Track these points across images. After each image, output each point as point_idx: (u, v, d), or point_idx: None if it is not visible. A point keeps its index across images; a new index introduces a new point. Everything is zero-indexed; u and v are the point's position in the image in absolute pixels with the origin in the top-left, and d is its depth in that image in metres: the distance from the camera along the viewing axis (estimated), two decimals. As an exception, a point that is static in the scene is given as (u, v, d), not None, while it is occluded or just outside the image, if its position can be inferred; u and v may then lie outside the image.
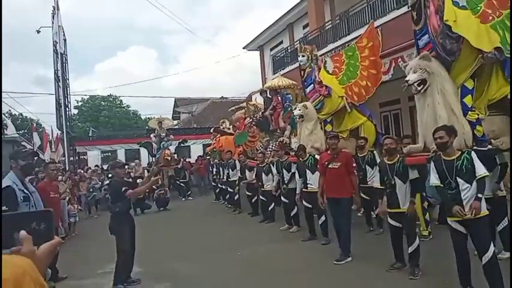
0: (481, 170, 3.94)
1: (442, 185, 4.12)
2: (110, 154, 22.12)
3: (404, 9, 7.38)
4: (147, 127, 24.88)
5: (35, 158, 4.54)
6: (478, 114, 4.72)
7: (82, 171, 15.57)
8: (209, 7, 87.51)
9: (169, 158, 16.30)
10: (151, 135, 17.37)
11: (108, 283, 5.45)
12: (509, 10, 4.68)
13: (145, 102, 71.18)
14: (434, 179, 4.18)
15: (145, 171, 16.81)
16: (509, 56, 4.72)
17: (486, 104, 4.87)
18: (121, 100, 38.25)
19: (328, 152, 6.17)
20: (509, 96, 4.77)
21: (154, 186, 14.28)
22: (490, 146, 4.78)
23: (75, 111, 34.62)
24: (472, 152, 4.09)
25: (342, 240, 5.80)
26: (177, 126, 26.19)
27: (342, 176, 5.88)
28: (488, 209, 4.11)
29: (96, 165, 16.77)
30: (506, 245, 5.08)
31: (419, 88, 4.63)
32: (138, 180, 13.50)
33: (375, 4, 10.16)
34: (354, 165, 6.27)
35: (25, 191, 4.01)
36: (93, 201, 13.49)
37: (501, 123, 4.93)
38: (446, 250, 4.49)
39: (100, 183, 13.89)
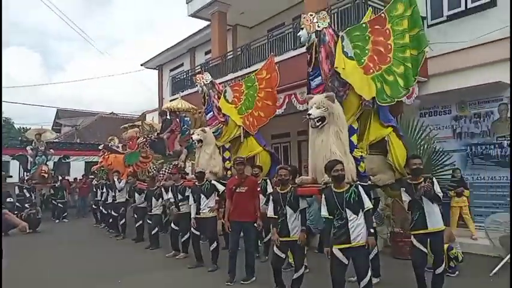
0: (367, 203, 4.43)
1: (331, 217, 4.47)
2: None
3: (301, 50, 7.96)
4: (20, 138, 22.26)
5: None
6: (361, 152, 5.27)
7: None
8: (108, 18, 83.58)
9: (45, 175, 14.77)
10: (28, 148, 15.60)
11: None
12: (387, 65, 5.42)
13: (21, 109, 63.84)
14: (324, 211, 4.52)
15: (16, 187, 14.92)
16: (384, 104, 5.43)
17: (368, 144, 5.49)
18: (-10, 105, 33.86)
19: (236, 177, 6.33)
20: (386, 138, 5.47)
21: (26, 205, 12.75)
22: (369, 182, 5.35)
23: None
24: (359, 186, 4.53)
25: (247, 261, 6.06)
26: (57, 140, 23.95)
27: (247, 200, 6.12)
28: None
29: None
30: (375, 271, 5.64)
31: (317, 124, 4.97)
32: None
33: (274, 42, 10.80)
34: (259, 189, 6.53)
35: None
36: None
37: (379, 162, 5.59)
38: (325, 279, 4.80)
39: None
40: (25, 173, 15.71)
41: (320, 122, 4.95)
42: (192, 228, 7.11)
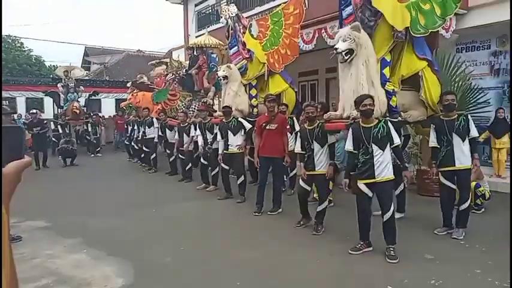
0: (396, 139, 4.42)
1: (355, 151, 4.51)
2: (7, 102, 19.89)
3: (332, -19, 7.55)
4: (51, 76, 22.71)
5: None
6: (394, 86, 5.13)
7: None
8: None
9: (77, 111, 15.18)
10: (59, 85, 15.95)
11: None
12: None
13: (50, 47, 64.30)
14: (349, 145, 4.56)
15: (51, 123, 15.54)
16: (418, 35, 5.16)
17: (399, 79, 5.31)
18: (22, 42, 34.20)
19: (266, 114, 6.38)
20: (420, 73, 5.27)
21: (61, 140, 13.26)
22: (400, 118, 5.27)
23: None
24: (389, 121, 4.49)
25: (275, 194, 6.34)
26: (87, 77, 24.34)
27: (277, 137, 6.25)
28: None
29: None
30: (400, 207, 5.76)
31: (346, 58, 4.84)
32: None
33: (303, -28, 10.23)
34: (288, 127, 6.64)
35: None
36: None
37: (410, 98, 5.44)
38: (349, 213, 4.95)
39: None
40: (58, 109, 16.25)
41: (348, 56, 4.83)
42: (222, 163, 7.36)
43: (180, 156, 9.54)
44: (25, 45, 34.34)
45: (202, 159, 8.39)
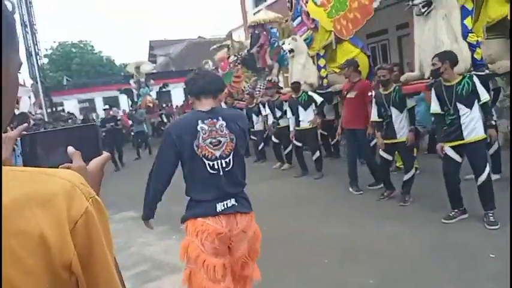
0: (484, 94, 3.97)
1: (442, 112, 4.12)
2: (87, 104, 21.51)
3: None
4: (122, 73, 24.04)
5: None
6: (477, 37, 4.60)
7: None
8: None
9: (151, 105, 15.95)
10: (131, 81, 16.87)
11: None
12: None
13: (118, 47, 68.01)
14: (435, 106, 4.18)
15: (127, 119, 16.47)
16: None
17: (485, 25, 4.73)
18: (92, 46, 36.56)
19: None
20: (508, 17, 4.63)
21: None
22: (487, 71, 4.72)
23: (46, 60, 32.96)
24: (474, 76, 4.04)
25: (371, 169, 5.83)
26: (155, 71, 25.40)
27: (357, 107, 5.71)
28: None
29: (70, 114, 16.03)
30: (496, 168, 5.23)
31: (423, 10, 4.44)
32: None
33: None
34: (370, 94, 5.62)
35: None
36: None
37: (498, 47, 4.83)
38: (438, 180, 4.57)
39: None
40: (133, 105, 17.19)
41: (426, 8, 4.40)
42: (294, 140, 7.22)
43: (251, 137, 9.52)
44: (95, 47, 36.67)
45: (273, 138, 8.33)
